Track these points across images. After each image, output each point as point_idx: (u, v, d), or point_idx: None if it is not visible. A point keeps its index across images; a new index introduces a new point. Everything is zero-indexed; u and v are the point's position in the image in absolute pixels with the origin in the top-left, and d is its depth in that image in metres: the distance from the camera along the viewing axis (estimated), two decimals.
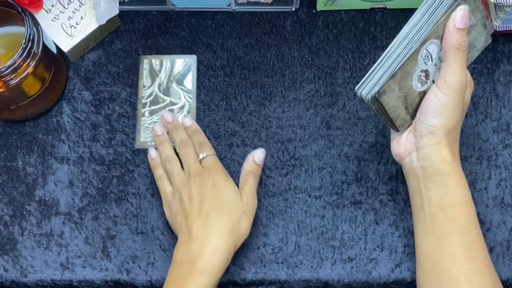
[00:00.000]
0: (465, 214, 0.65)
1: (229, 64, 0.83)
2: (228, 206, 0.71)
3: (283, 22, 0.85)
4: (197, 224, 0.69)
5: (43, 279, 0.76)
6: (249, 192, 0.73)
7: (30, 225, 0.77)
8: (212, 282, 0.67)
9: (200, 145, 0.76)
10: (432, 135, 0.65)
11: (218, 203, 0.71)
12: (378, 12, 0.85)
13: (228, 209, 0.71)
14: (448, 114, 0.64)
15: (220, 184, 0.72)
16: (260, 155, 0.75)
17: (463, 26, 0.63)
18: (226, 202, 0.71)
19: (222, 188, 0.72)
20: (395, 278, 0.75)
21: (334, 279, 0.76)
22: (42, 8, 0.82)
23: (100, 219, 0.77)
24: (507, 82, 0.82)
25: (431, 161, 0.66)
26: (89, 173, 0.79)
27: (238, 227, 0.70)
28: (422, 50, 0.64)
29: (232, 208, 0.71)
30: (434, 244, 0.66)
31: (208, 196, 0.71)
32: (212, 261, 0.67)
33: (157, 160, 0.77)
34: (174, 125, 0.78)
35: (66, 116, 0.81)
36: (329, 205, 0.78)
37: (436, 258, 0.65)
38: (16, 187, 0.78)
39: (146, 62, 0.83)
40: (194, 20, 0.85)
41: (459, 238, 0.65)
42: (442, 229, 0.65)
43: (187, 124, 0.78)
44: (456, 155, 0.67)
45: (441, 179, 0.66)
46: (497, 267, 0.75)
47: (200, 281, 0.67)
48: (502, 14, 0.78)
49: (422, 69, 0.65)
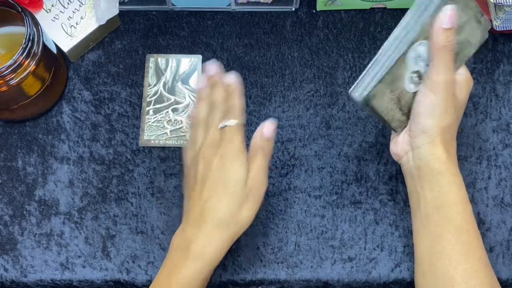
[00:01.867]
0: (461, 213, 0.65)
1: (229, 64, 0.83)
2: (231, 190, 0.65)
3: (283, 22, 0.85)
4: (196, 209, 0.66)
5: (43, 279, 0.76)
6: (257, 173, 0.65)
7: (30, 225, 0.77)
8: (205, 270, 0.65)
9: (229, 110, 0.67)
10: (425, 134, 0.65)
11: (220, 187, 0.65)
12: (378, 12, 0.85)
13: (230, 194, 0.65)
14: (439, 112, 0.65)
15: (227, 163, 0.65)
16: (269, 127, 0.66)
17: (449, 26, 0.63)
18: (230, 185, 0.65)
19: (229, 168, 0.65)
20: (395, 278, 0.75)
21: (334, 279, 0.76)
22: (42, 8, 0.82)
23: (100, 219, 0.77)
24: (507, 82, 0.82)
25: (426, 160, 0.66)
26: (89, 173, 0.79)
27: (238, 216, 0.65)
28: (410, 52, 0.64)
29: (234, 193, 0.65)
30: (431, 244, 0.66)
31: (211, 177, 0.66)
32: (206, 249, 0.64)
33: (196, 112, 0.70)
34: (213, 82, 0.69)
35: (66, 116, 0.81)
36: (329, 205, 0.78)
37: (433, 258, 0.65)
38: (16, 187, 0.78)
39: (152, 60, 0.83)
40: (194, 20, 0.85)
41: (455, 238, 0.64)
42: (438, 229, 0.65)
43: (228, 81, 0.69)
44: (452, 153, 0.67)
45: (436, 178, 0.66)
46: (497, 267, 0.75)
47: (194, 267, 0.64)
48: (502, 14, 0.78)
49: (413, 70, 0.65)
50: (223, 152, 0.65)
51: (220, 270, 0.76)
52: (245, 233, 0.74)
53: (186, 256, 0.65)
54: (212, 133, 0.67)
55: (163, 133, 0.80)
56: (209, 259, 0.65)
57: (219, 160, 0.65)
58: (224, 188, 0.65)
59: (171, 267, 0.66)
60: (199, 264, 0.64)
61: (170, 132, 0.80)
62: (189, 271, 0.64)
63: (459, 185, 0.66)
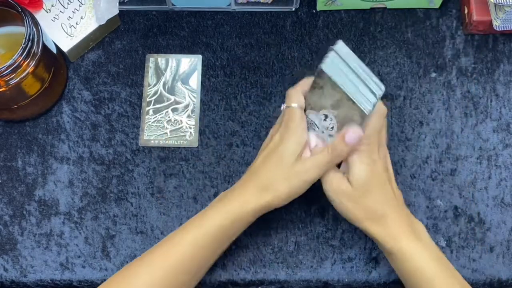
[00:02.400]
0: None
1: (229, 64, 0.83)
2: (280, 161, 0.67)
3: (283, 22, 0.85)
4: (246, 173, 0.70)
5: (43, 279, 0.76)
6: (311, 164, 0.67)
7: (30, 225, 0.77)
8: (229, 221, 0.67)
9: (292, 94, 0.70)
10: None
11: (273, 157, 0.68)
12: (378, 12, 0.85)
13: (278, 164, 0.67)
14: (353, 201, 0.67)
15: (284, 139, 0.68)
16: (352, 135, 0.65)
17: (349, 143, 0.65)
18: (280, 156, 0.67)
19: (284, 143, 0.67)
20: (395, 278, 0.75)
21: (334, 279, 0.76)
22: (42, 8, 0.82)
23: (100, 219, 0.77)
24: (507, 82, 0.82)
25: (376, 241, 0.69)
26: (89, 173, 0.79)
27: (277, 185, 0.67)
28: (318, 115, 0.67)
29: (282, 164, 0.67)
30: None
31: (268, 148, 0.69)
32: (241, 202, 0.68)
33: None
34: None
35: (66, 116, 0.81)
36: (329, 204, 0.78)
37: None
38: (16, 187, 0.78)
39: (152, 60, 0.83)
40: (194, 20, 0.85)
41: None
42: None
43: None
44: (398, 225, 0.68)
45: (391, 258, 0.68)
46: (497, 267, 0.75)
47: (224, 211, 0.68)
48: (502, 14, 0.78)
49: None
50: (282, 129, 0.68)
51: (220, 270, 0.76)
52: (245, 233, 0.75)
53: (220, 201, 0.68)
54: (281, 115, 0.71)
55: (163, 133, 0.80)
56: (239, 212, 0.67)
57: (278, 136, 0.68)
58: (276, 158, 0.67)
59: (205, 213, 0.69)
60: (237, 205, 0.68)
61: (170, 132, 0.80)
62: (215, 214, 0.68)
63: (413, 260, 0.66)
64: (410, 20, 0.85)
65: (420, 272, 0.65)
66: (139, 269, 0.67)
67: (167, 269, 0.66)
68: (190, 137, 0.80)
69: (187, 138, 0.80)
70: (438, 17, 0.85)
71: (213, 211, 0.68)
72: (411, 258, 0.66)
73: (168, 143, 0.80)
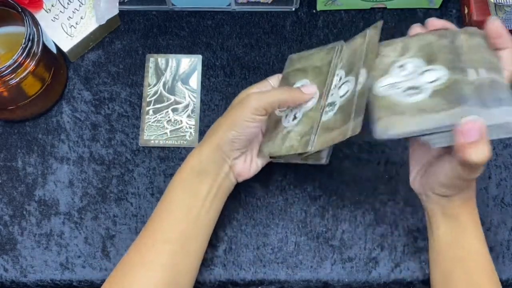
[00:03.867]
0: (473, 254, 0.66)
1: (229, 64, 0.83)
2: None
3: (283, 22, 0.85)
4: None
5: (43, 279, 0.76)
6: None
7: (30, 225, 0.77)
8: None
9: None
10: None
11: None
12: (378, 12, 0.85)
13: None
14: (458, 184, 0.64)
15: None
16: (311, 89, 0.72)
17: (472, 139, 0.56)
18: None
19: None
20: (395, 278, 0.75)
21: (334, 279, 0.76)
22: (42, 8, 0.82)
23: (100, 219, 0.77)
24: None
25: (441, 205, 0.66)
26: (89, 173, 0.79)
27: (220, 127, 0.68)
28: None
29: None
30: (441, 280, 0.67)
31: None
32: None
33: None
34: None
35: (66, 116, 0.81)
36: (329, 205, 0.78)
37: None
38: (16, 187, 0.78)
39: (152, 60, 0.83)
40: (194, 20, 0.85)
41: (466, 278, 0.65)
42: (448, 264, 0.66)
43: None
44: (469, 197, 0.66)
45: (450, 221, 0.66)
46: (497, 267, 0.75)
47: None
48: (502, 14, 0.78)
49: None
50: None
51: (220, 270, 0.76)
52: (245, 233, 0.75)
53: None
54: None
55: (163, 133, 0.80)
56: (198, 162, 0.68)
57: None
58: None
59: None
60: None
61: (170, 132, 0.80)
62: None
63: (473, 228, 0.66)
64: (410, 20, 0.85)
65: (477, 243, 0.66)
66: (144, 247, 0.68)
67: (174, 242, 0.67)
68: (190, 137, 0.80)
69: (187, 138, 0.80)
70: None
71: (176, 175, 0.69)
72: (476, 227, 0.66)
73: (168, 143, 0.80)
